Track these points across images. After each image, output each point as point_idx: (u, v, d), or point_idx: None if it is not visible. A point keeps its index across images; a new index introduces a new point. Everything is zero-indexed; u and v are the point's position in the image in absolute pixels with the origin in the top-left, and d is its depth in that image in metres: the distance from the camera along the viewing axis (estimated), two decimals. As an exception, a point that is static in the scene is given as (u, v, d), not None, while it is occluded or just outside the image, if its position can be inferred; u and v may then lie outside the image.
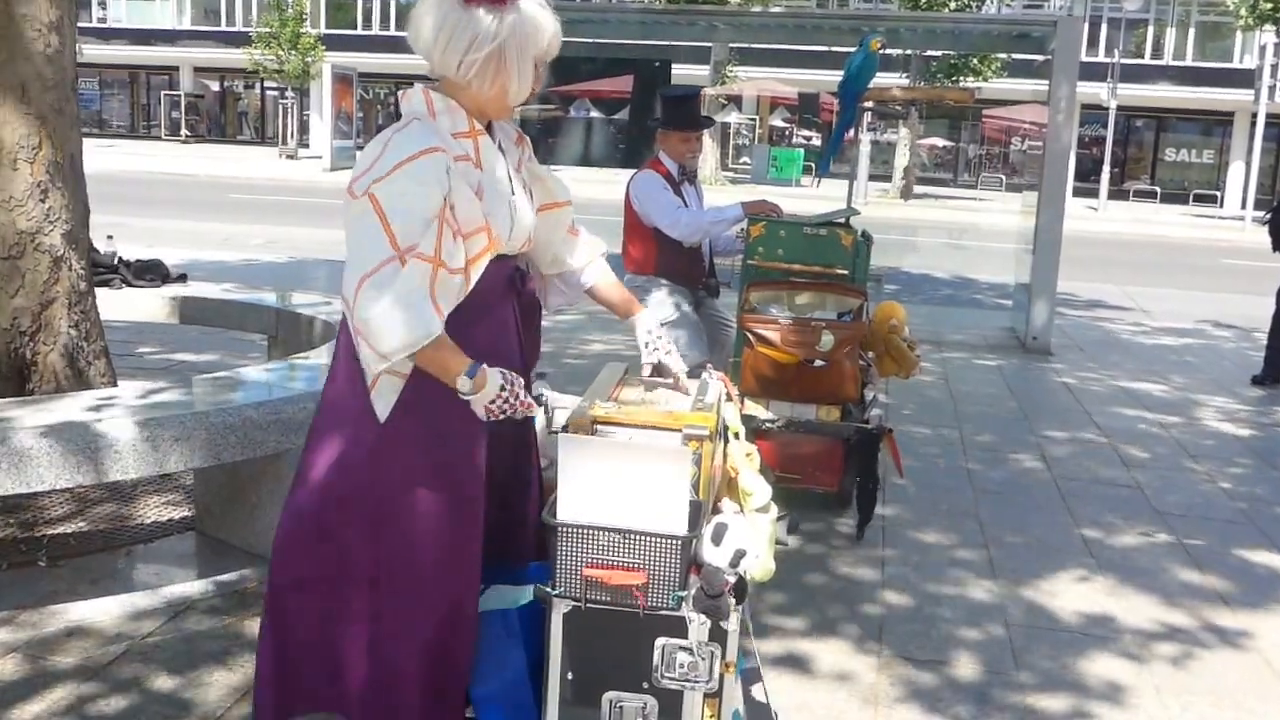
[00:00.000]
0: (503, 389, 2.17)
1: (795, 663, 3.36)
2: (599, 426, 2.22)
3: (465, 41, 2.20)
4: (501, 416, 2.20)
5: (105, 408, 3.40)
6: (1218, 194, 36.55)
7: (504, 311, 2.38)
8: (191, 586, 3.59)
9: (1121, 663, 3.50)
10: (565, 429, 2.19)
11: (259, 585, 3.63)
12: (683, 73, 17.88)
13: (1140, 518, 4.89)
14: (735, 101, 36.57)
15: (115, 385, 4.42)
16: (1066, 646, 3.59)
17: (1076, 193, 25.46)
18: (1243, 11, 30.11)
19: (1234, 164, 36.61)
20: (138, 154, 31.83)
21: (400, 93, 2.35)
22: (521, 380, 2.24)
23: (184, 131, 41.66)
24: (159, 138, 41.90)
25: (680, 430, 2.21)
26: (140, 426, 3.26)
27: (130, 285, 5.54)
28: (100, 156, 26.56)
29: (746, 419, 3.91)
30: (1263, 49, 27.42)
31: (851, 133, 5.98)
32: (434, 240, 2.11)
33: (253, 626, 3.37)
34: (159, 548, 3.93)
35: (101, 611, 3.40)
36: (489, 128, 2.35)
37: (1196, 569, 4.32)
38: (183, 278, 5.83)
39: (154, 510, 4.19)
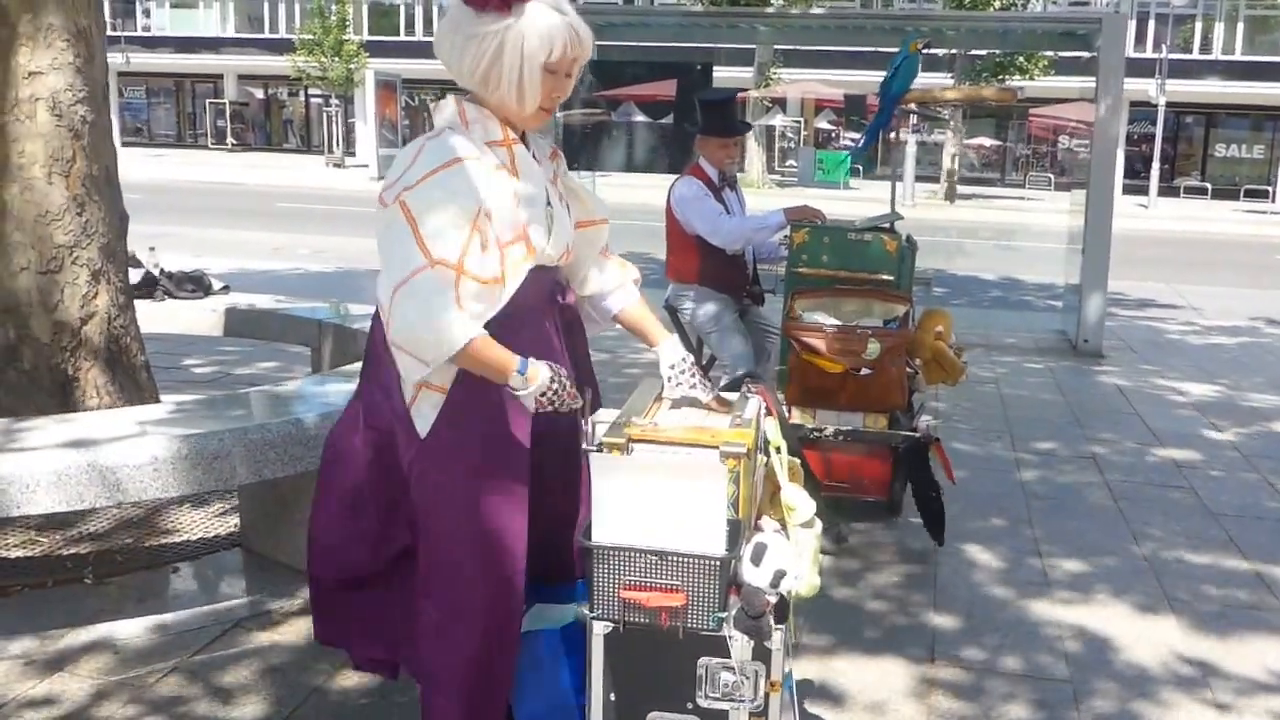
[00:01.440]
0: (552, 380, 2.20)
1: (832, 688, 3.23)
2: (634, 444, 2.18)
3: (473, 48, 2.18)
4: (550, 409, 2.22)
5: (147, 424, 3.40)
6: (1269, 189, 35.87)
7: (545, 323, 2.36)
8: (238, 604, 3.59)
9: (1201, 711, 3.20)
10: (600, 448, 2.16)
11: (305, 603, 3.62)
12: (726, 75, 17.84)
13: (1198, 526, 4.76)
14: (780, 104, 36.41)
15: (158, 399, 4.43)
16: (1132, 687, 3.33)
17: (1126, 190, 25.13)
18: (1294, 3, 29.59)
19: (1286, 158, 35.93)
20: (186, 163, 32.25)
21: (433, 104, 2.33)
22: (567, 372, 2.27)
23: (230, 140, 42.12)
24: (206, 146, 42.40)
25: (717, 448, 2.16)
26: (181, 443, 3.25)
27: (172, 297, 5.56)
28: (149, 166, 27.00)
29: (794, 428, 3.88)
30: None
31: (893, 135, 5.89)
32: (460, 248, 2.09)
33: (299, 642, 3.36)
34: (205, 564, 3.93)
35: (147, 630, 3.41)
36: (523, 136, 2.32)
37: (1264, 588, 4.13)
38: (225, 289, 5.85)
39: (200, 526, 4.20)
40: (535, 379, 2.18)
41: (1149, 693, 3.30)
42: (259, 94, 46.44)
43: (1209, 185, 35.95)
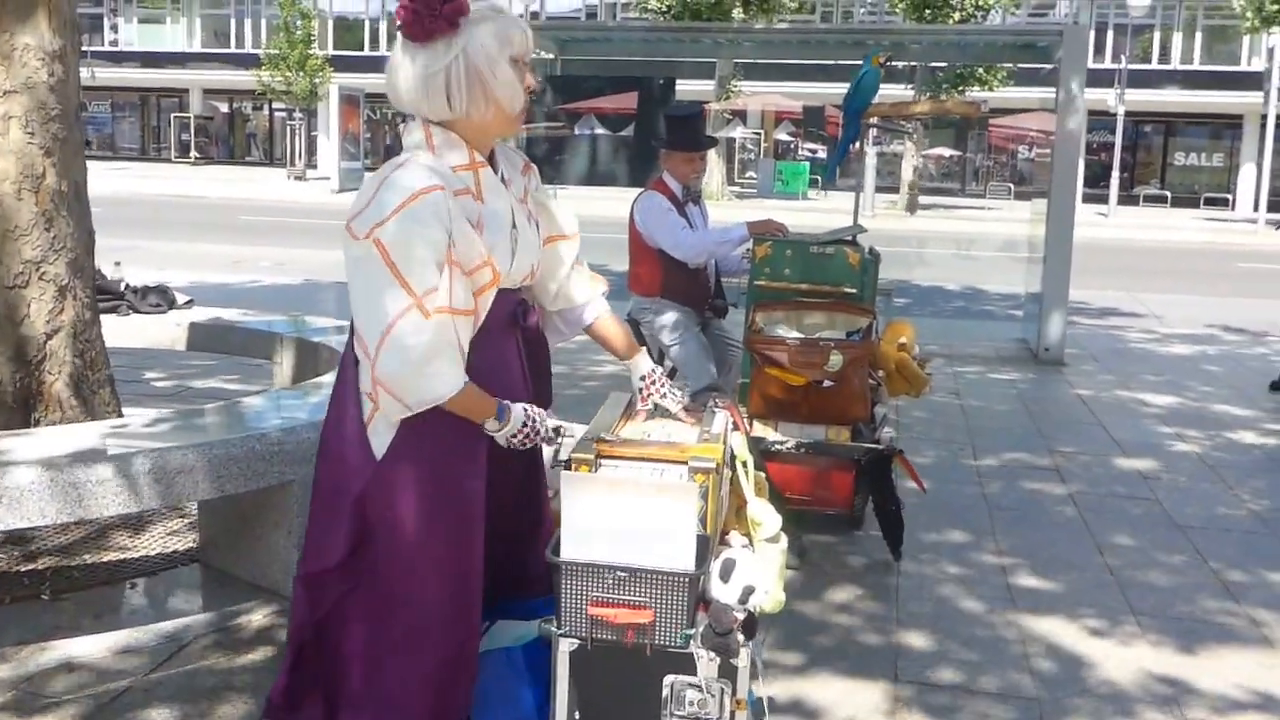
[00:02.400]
0: (525, 424, 2.25)
1: (798, 704, 3.21)
2: (603, 460, 2.17)
3: (439, 82, 2.17)
4: (522, 447, 2.28)
5: (109, 439, 3.37)
6: (1229, 197, 36.43)
7: (505, 344, 2.35)
8: (196, 620, 3.55)
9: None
10: (567, 464, 2.15)
11: (264, 619, 3.59)
12: (687, 88, 17.89)
13: (1163, 537, 4.79)
14: (740, 116, 36.59)
15: (120, 414, 4.41)
16: (1102, 703, 3.31)
17: (1086, 199, 25.34)
18: (1249, 14, 30.13)
19: (1244, 166, 36.48)
20: (149, 177, 32.00)
21: (402, 125, 2.32)
22: (542, 412, 2.30)
23: (193, 154, 41.83)
24: (169, 160, 42.09)
25: (686, 463, 2.16)
26: (143, 458, 3.22)
27: (137, 311, 5.53)
28: (111, 180, 26.74)
29: (756, 441, 3.87)
30: (1270, 51, 27.34)
31: (856, 147, 5.93)
32: (448, 288, 2.10)
33: (257, 660, 3.33)
34: (163, 580, 3.89)
35: (104, 646, 3.36)
36: (491, 157, 2.31)
37: (1229, 598, 4.16)
38: (189, 303, 5.81)
39: (158, 542, 4.15)
40: (511, 422, 2.23)
41: (1119, 709, 3.30)
42: (223, 108, 46.23)
43: (1169, 193, 36.43)
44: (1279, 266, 10.38)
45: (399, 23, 2.18)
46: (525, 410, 2.25)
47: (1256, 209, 28.13)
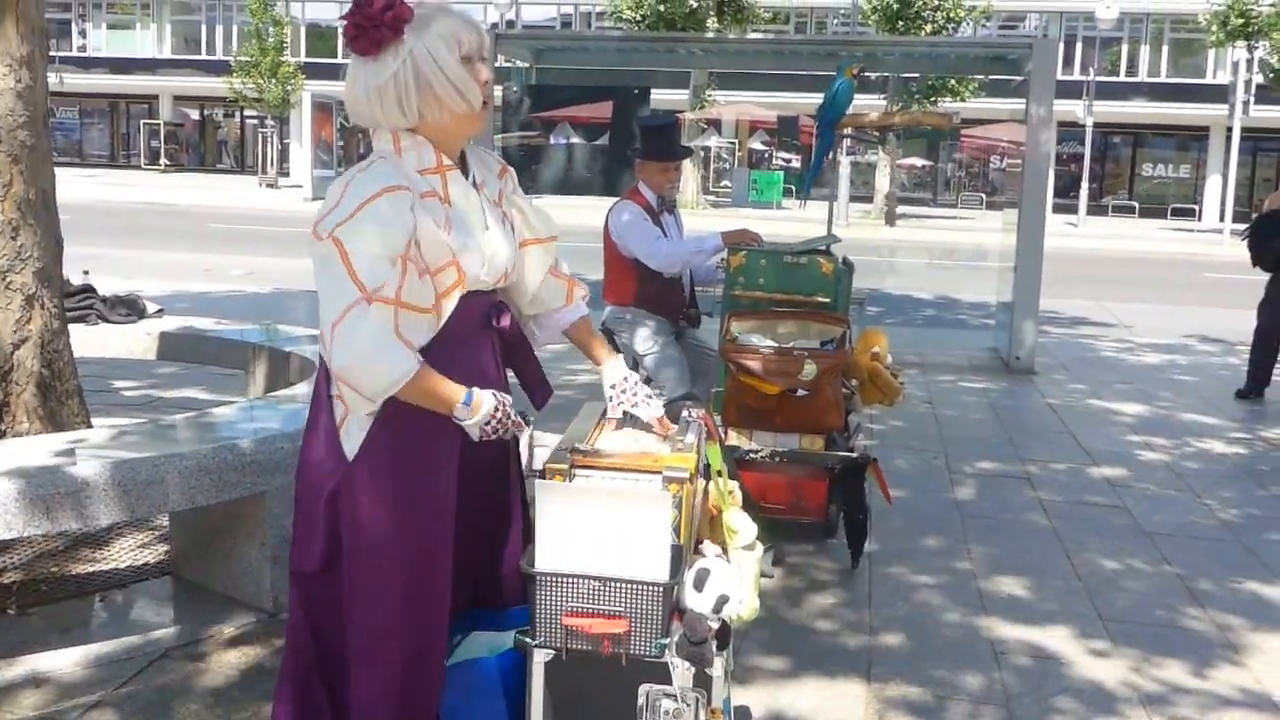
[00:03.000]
0: (496, 409, 2.21)
1: (773, 712, 3.23)
2: (577, 470, 2.17)
3: (391, 91, 2.17)
4: (494, 437, 2.23)
5: (77, 450, 3.34)
6: (1195, 208, 36.83)
7: (479, 347, 2.34)
8: (166, 633, 3.51)
9: None
10: (542, 474, 2.14)
11: (237, 630, 3.56)
12: (662, 97, 17.93)
13: (1133, 545, 4.83)
14: (714, 125, 36.68)
15: (89, 425, 4.36)
16: (1071, 710, 3.35)
17: (1055, 209, 25.52)
18: (1214, 28, 30.63)
19: (1210, 178, 36.93)
20: (117, 184, 31.74)
21: (372, 130, 2.31)
22: (509, 398, 2.27)
23: (163, 161, 41.53)
24: (138, 167, 41.77)
25: (660, 473, 2.16)
26: (113, 469, 3.19)
27: (106, 321, 5.48)
28: (80, 187, 26.50)
29: (730, 449, 3.88)
30: (1235, 65, 27.69)
31: (830, 156, 5.96)
32: (397, 281, 2.09)
33: (229, 673, 3.30)
34: (133, 593, 3.85)
35: (72, 661, 3.32)
36: (463, 159, 2.31)
37: (1196, 604, 4.20)
38: (160, 312, 5.76)
39: (129, 554, 4.11)
40: (479, 409, 2.19)
41: (1090, 712, 3.32)
42: (194, 115, 45.93)
43: (1136, 204, 36.79)
44: (1243, 277, 10.45)
45: (345, 39, 2.18)
46: (495, 396, 2.22)
47: (1222, 220, 28.44)
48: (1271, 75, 29.71)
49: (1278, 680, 3.58)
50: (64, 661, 3.31)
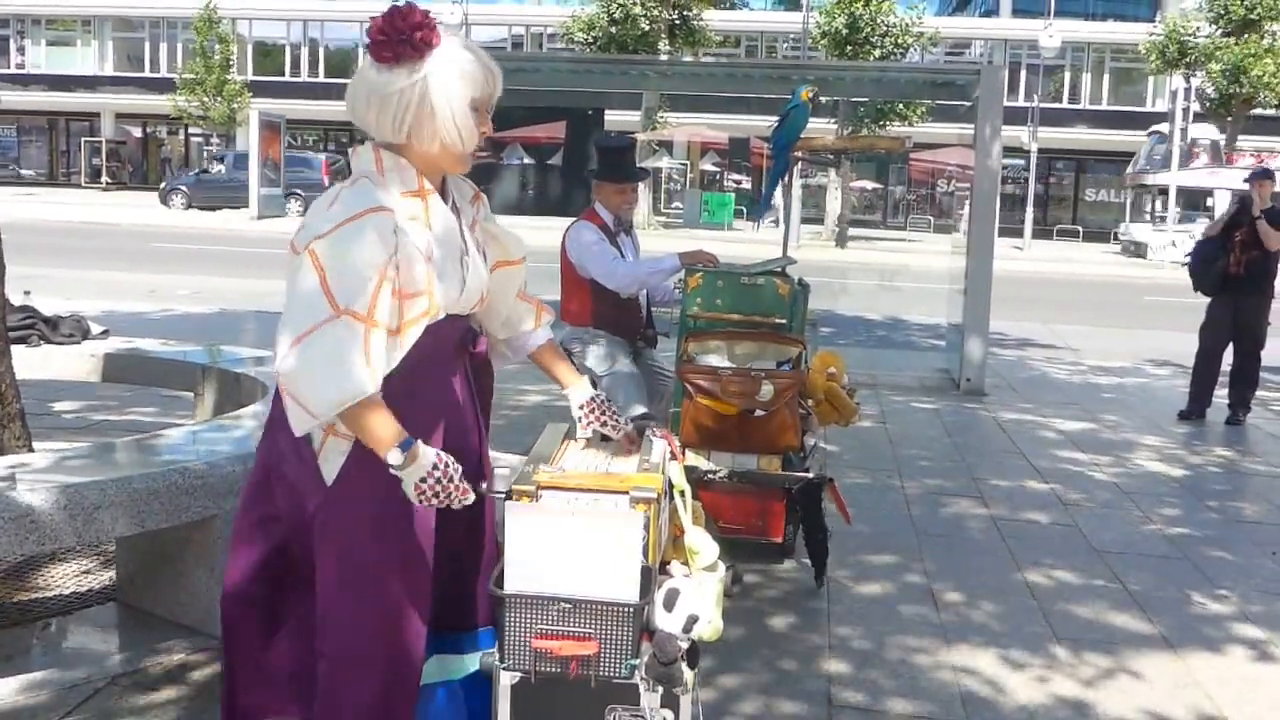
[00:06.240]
0: (434, 468, 2.07)
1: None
2: (543, 491, 2.15)
3: (392, 106, 2.15)
4: (434, 503, 2.09)
5: (20, 475, 3.24)
6: (1136, 233, 37.53)
7: (451, 375, 2.32)
8: (112, 660, 3.42)
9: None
10: (509, 496, 2.11)
11: (184, 657, 3.48)
12: (615, 119, 17.97)
13: (1083, 562, 4.88)
14: (666, 147, 36.87)
15: (31, 449, 4.26)
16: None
17: (1001, 233, 25.96)
18: (1153, 57, 31.42)
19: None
20: (56, 202, 31.22)
21: (351, 149, 2.29)
22: (458, 467, 2.12)
23: (105, 179, 40.95)
24: (79, 185, 41.18)
25: (627, 493, 2.14)
26: (58, 493, 3.10)
27: (49, 342, 5.36)
28: (17, 206, 26.04)
29: (688, 469, 3.87)
30: (1173, 93, 28.37)
31: (785, 180, 5.99)
32: (370, 299, 2.04)
33: (177, 701, 3.22)
34: (78, 620, 3.75)
35: (15, 690, 3.22)
36: (443, 184, 2.29)
37: (1147, 621, 4.24)
38: (105, 333, 5.65)
39: (73, 580, 4.01)
40: (416, 461, 2.06)
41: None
42: (137, 132, 45.35)
43: (1080, 228, 37.43)
44: (1184, 300, 10.68)
45: (368, 40, 2.16)
46: (439, 456, 2.09)
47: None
48: (1209, 104, 30.49)
49: (1229, 697, 3.62)
50: (5, 690, 3.21)
